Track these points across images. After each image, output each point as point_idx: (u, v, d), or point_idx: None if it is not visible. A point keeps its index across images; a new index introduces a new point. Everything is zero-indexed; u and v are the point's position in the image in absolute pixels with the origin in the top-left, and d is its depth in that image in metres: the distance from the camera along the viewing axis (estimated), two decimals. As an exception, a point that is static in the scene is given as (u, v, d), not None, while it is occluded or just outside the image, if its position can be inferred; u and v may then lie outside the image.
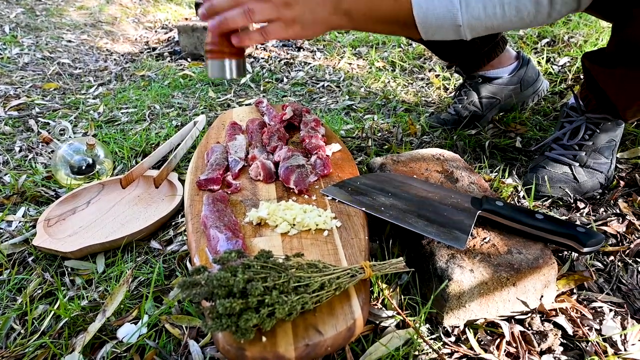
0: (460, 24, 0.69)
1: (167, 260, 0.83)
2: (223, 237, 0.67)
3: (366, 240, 0.69)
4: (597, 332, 0.64)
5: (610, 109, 0.90)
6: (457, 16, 0.69)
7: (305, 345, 0.51)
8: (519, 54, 1.27)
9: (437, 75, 1.76)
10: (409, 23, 0.72)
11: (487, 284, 0.62)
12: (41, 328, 0.69)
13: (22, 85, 1.88)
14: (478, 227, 0.72)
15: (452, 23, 0.70)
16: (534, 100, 1.33)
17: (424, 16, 0.70)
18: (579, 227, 0.68)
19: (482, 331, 0.64)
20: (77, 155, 1.10)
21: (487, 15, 0.68)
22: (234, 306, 0.48)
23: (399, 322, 0.66)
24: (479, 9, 0.68)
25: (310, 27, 0.74)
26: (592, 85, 0.91)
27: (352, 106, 1.57)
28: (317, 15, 0.73)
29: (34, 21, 2.70)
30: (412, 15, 0.71)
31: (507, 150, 1.16)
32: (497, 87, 1.26)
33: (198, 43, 2.27)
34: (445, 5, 0.69)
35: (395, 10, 0.72)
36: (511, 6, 0.67)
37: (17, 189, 1.08)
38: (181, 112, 1.60)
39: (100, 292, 0.76)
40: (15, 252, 0.87)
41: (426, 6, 0.70)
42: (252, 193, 0.84)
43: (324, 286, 0.55)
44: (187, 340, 0.65)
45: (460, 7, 0.68)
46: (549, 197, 0.93)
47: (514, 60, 1.26)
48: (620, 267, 0.76)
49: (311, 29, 0.74)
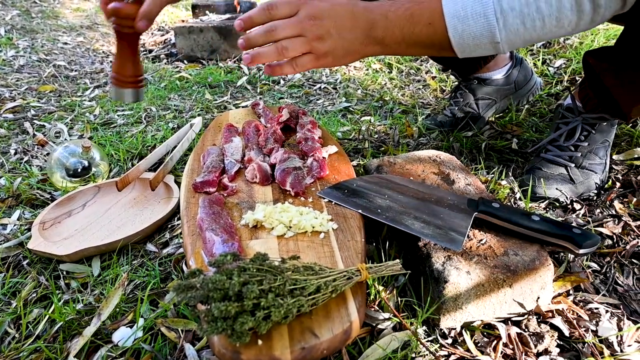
0: (498, 40, 0.67)
1: (163, 263, 0.82)
2: (219, 240, 0.67)
3: (362, 242, 0.69)
4: (593, 333, 0.64)
5: (611, 107, 0.90)
6: (495, 34, 0.67)
7: (302, 348, 0.51)
8: (512, 54, 1.28)
9: (433, 77, 1.77)
10: (445, 45, 0.70)
11: (483, 285, 0.62)
12: (36, 332, 0.69)
13: (18, 88, 1.87)
14: (474, 229, 0.72)
15: (490, 40, 0.68)
16: (529, 98, 1.33)
17: (460, 37, 0.69)
18: (575, 228, 0.68)
19: (478, 333, 0.64)
20: (72, 157, 1.09)
21: (526, 28, 0.66)
22: (229, 309, 0.48)
23: (396, 324, 0.66)
24: (517, 24, 0.66)
25: (342, 58, 0.75)
26: (594, 83, 0.90)
27: (349, 108, 1.57)
28: (350, 47, 0.73)
29: (29, 23, 2.69)
30: (447, 37, 0.69)
31: (503, 152, 1.16)
32: (493, 88, 1.27)
33: (195, 45, 2.27)
34: (481, 24, 0.67)
35: (430, 34, 0.70)
36: (551, 17, 0.65)
37: (12, 191, 1.07)
38: (177, 114, 1.59)
39: (95, 295, 0.76)
40: (10, 256, 0.86)
41: (462, 28, 0.68)
42: (249, 195, 0.84)
43: (320, 289, 0.55)
44: (182, 343, 0.64)
45: (497, 24, 0.66)
46: (545, 199, 0.94)
47: (508, 61, 1.27)
48: (616, 269, 0.76)
49: (343, 59, 0.75)
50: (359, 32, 0.72)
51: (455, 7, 0.67)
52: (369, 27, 0.72)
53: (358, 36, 0.72)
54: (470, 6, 0.66)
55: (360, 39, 0.72)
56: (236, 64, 2.20)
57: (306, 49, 0.72)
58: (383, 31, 0.71)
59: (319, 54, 0.72)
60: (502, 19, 0.65)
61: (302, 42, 0.71)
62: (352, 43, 0.73)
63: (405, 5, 0.71)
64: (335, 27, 0.71)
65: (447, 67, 1.32)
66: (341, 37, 0.72)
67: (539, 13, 0.64)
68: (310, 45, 0.71)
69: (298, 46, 0.71)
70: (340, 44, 0.72)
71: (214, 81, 1.92)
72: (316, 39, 0.71)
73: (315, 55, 0.73)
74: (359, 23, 0.72)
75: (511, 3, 0.64)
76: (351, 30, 0.72)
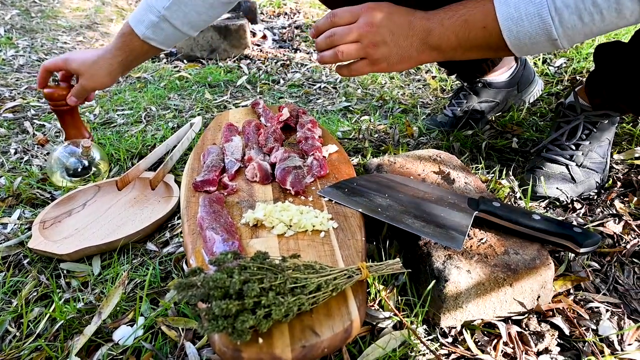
0: (555, 37, 0.66)
1: (163, 262, 0.82)
2: (219, 239, 0.67)
3: (363, 241, 0.69)
4: (593, 332, 0.64)
5: (623, 101, 0.90)
6: (552, 31, 0.65)
7: (302, 346, 0.51)
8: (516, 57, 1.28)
9: (433, 76, 1.77)
10: (501, 46, 0.70)
11: (484, 284, 0.62)
12: (37, 331, 0.69)
13: (18, 87, 1.87)
14: (475, 228, 0.72)
15: (547, 38, 0.67)
16: (530, 100, 1.33)
17: (516, 38, 0.68)
18: (575, 227, 0.68)
19: (479, 332, 0.64)
20: (72, 157, 1.09)
21: (585, 23, 0.64)
22: (230, 308, 0.48)
23: (396, 323, 0.66)
24: (574, 19, 0.64)
25: (396, 65, 0.77)
26: (606, 76, 0.90)
27: (349, 107, 1.57)
28: (405, 53, 0.75)
29: (29, 23, 2.69)
30: (503, 39, 0.69)
31: (503, 151, 1.16)
32: (496, 91, 1.27)
33: (194, 45, 2.27)
34: (536, 24, 0.66)
35: (486, 37, 0.70)
36: (610, 10, 0.62)
37: (12, 191, 1.07)
38: (177, 113, 1.59)
39: (96, 294, 0.76)
40: (10, 255, 0.86)
41: (517, 29, 0.67)
42: (249, 194, 0.84)
43: (321, 287, 0.55)
44: (183, 342, 0.64)
45: (553, 22, 0.65)
46: (545, 198, 0.94)
47: (514, 63, 1.27)
48: (617, 268, 0.76)
49: (398, 65, 0.77)
50: (415, 39, 0.74)
51: (509, 9, 0.66)
52: (425, 34, 0.73)
53: (414, 43, 0.74)
54: (524, 7, 0.65)
55: (416, 46, 0.75)
56: (236, 63, 2.20)
57: (361, 54, 0.76)
58: (439, 38, 0.73)
59: (373, 59, 0.76)
60: (557, 17, 0.64)
61: (357, 48, 0.75)
62: (407, 50, 0.75)
63: (460, 11, 0.71)
64: (391, 34, 0.74)
65: (452, 72, 1.32)
66: (396, 45, 0.74)
67: (596, 7, 0.62)
68: (364, 51, 0.75)
69: (353, 51, 0.75)
70: (395, 51, 0.75)
71: (214, 80, 1.92)
72: (371, 46, 0.74)
73: (369, 61, 0.77)
74: (415, 31, 0.73)
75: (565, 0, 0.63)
76: (407, 37, 0.74)
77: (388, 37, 0.74)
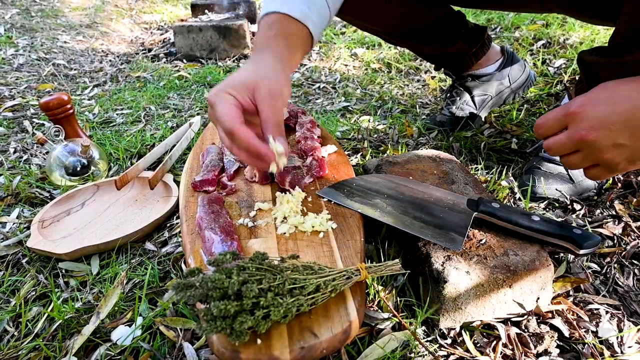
0: None
1: (161, 262, 0.82)
2: (218, 239, 0.66)
3: (362, 242, 0.69)
4: (593, 334, 0.64)
5: None
6: None
7: (301, 347, 0.51)
8: (503, 49, 1.28)
9: (432, 76, 1.76)
10: None
11: (483, 285, 0.62)
12: (35, 330, 0.69)
13: (17, 86, 1.87)
14: (474, 229, 0.72)
15: None
16: (525, 91, 1.33)
17: None
18: (575, 229, 0.68)
19: (478, 333, 0.64)
20: (71, 156, 1.09)
21: None
22: (228, 308, 0.48)
23: (395, 324, 0.66)
24: None
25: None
26: (592, 81, 0.90)
27: (348, 107, 1.57)
28: None
29: (29, 22, 2.69)
30: None
31: (502, 152, 1.16)
32: (487, 84, 1.27)
33: (194, 44, 2.27)
34: None
35: None
36: None
37: (11, 190, 1.07)
38: (176, 113, 1.59)
39: (94, 294, 0.75)
40: (9, 254, 0.86)
41: None
42: (248, 194, 0.84)
43: (320, 288, 0.55)
44: (181, 342, 0.64)
45: None
46: (544, 199, 0.94)
47: (499, 56, 1.27)
48: (617, 269, 0.76)
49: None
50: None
51: None
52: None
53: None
54: None
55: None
56: (235, 63, 2.20)
57: (592, 163, 0.63)
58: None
59: (612, 165, 0.61)
60: None
61: (582, 158, 0.63)
62: None
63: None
64: (626, 132, 0.58)
65: (439, 65, 1.32)
66: (638, 139, 0.58)
67: None
68: (593, 159, 0.62)
69: (579, 162, 0.64)
70: (638, 147, 0.59)
71: (213, 80, 1.91)
72: (601, 153, 0.60)
73: (607, 168, 0.63)
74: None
75: None
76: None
77: (620, 137, 0.58)
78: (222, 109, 0.65)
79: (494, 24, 2.14)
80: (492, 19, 2.19)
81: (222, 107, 0.65)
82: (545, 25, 1.98)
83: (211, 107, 0.67)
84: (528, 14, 2.08)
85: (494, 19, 2.18)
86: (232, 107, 0.65)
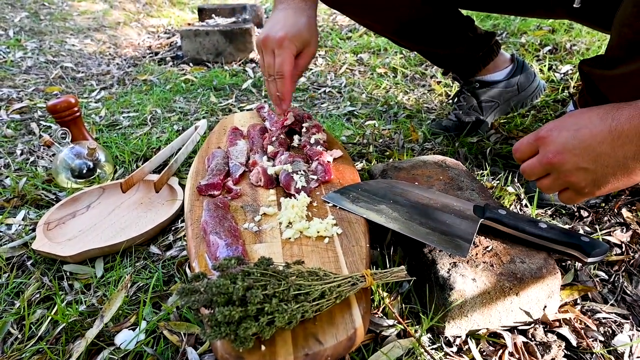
0: None
1: (166, 265, 0.82)
2: (223, 243, 0.66)
3: (367, 247, 0.69)
4: (601, 343, 0.63)
5: None
6: None
7: (305, 354, 0.51)
8: (513, 57, 1.28)
9: (438, 81, 1.76)
10: None
11: (489, 293, 0.62)
12: (38, 333, 0.69)
13: (25, 89, 1.88)
14: (480, 236, 0.71)
15: None
16: (533, 101, 1.32)
17: None
18: (583, 236, 0.67)
19: (484, 341, 0.64)
20: (78, 159, 1.10)
21: None
22: (233, 314, 0.48)
23: (400, 331, 0.65)
24: None
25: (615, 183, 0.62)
26: (591, 90, 0.90)
27: (354, 112, 1.57)
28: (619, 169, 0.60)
29: (37, 25, 2.71)
30: None
31: (509, 158, 1.15)
32: (495, 91, 1.26)
33: (200, 48, 2.28)
34: None
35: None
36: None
37: (17, 192, 1.07)
38: (182, 116, 1.60)
39: (98, 297, 0.75)
40: (14, 256, 0.86)
41: None
42: (253, 199, 0.84)
43: (325, 294, 0.54)
44: (185, 347, 0.64)
45: None
46: (551, 205, 0.93)
47: (509, 63, 1.27)
48: (625, 278, 0.75)
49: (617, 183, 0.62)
50: (628, 148, 0.58)
51: None
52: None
53: (628, 154, 0.58)
54: None
55: (632, 154, 0.58)
56: (241, 67, 2.20)
57: (561, 186, 0.65)
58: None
59: (578, 188, 0.63)
60: None
61: (552, 181, 0.65)
62: (621, 164, 0.59)
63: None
64: (587, 156, 0.60)
65: (447, 70, 1.32)
66: (601, 164, 0.60)
67: None
68: (561, 183, 0.64)
69: (550, 185, 0.66)
70: (601, 172, 0.60)
71: (219, 84, 1.92)
72: (566, 176, 0.62)
73: (574, 191, 0.65)
74: (629, 138, 0.57)
75: None
76: (614, 150, 0.58)
77: (583, 161, 0.60)
78: (285, 55, 0.86)
79: (500, 29, 2.13)
80: (499, 24, 2.18)
81: (286, 53, 0.85)
82: (551, 31, 1.97)
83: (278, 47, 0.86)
84: (534, 20, 2.07)
85: (500, 24, 2.17)
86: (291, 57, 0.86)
